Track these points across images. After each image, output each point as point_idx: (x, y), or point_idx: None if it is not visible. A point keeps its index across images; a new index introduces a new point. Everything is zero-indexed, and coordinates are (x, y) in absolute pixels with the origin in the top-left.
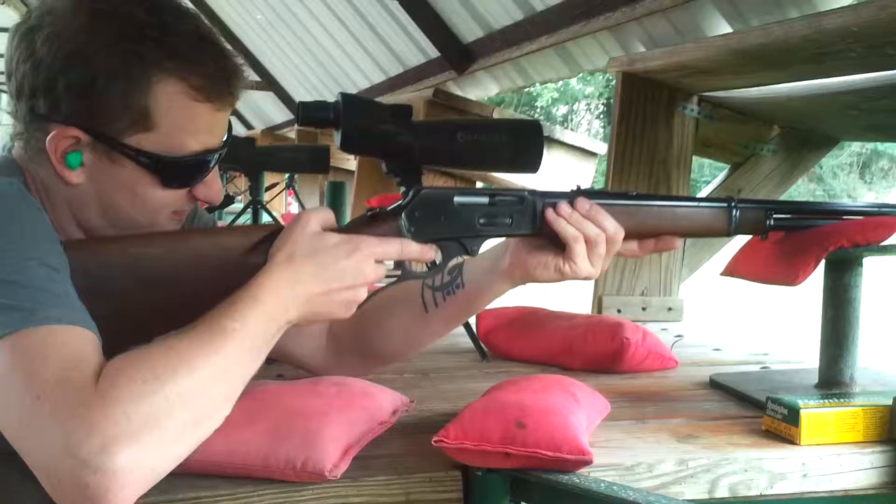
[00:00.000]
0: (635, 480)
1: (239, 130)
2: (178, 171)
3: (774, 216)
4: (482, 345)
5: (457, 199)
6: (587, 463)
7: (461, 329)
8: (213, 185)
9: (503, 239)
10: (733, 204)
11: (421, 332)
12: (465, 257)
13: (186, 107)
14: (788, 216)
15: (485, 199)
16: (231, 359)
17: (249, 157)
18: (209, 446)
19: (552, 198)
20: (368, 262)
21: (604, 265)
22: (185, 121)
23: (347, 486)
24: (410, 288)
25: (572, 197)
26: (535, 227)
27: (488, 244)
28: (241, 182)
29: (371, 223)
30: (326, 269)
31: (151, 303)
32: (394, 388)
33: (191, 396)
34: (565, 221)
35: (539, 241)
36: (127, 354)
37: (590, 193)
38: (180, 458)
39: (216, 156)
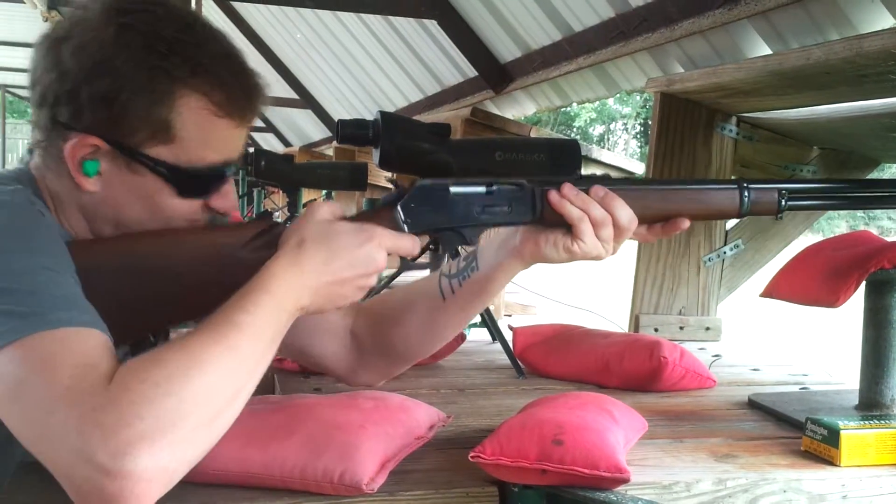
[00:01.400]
0: (673, 499)
1: (277, 147)
2: (196, 181)
3: (789, 196)
4: (518, 362)
5: (453, 188)
6: (624, 481)
7: (497, 346)
8: (227, 196)
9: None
10: (744, 184)
11: (440, 323)
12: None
13: (207, 121)
14: (804, 195)
15: (482, 189)
16: (243, 354)
17: (288, 174)
18: (248, 458)
19: (551, 184)
20: (380, 253)
21: (615, 247)
22: (205, 135)
23: (384, 500)
24: (428, 281)
25: (582, 183)
26: (535, 213)
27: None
28: (279, 198)
29: (370, 215)
30: (338, 258)
31: (148, 298)
32: (430, 403)
33: (204, 397)
34: (569, 203)
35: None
36: (140, 357)
37: (593, 179)
38: (195, 459)
39: (232, 168)
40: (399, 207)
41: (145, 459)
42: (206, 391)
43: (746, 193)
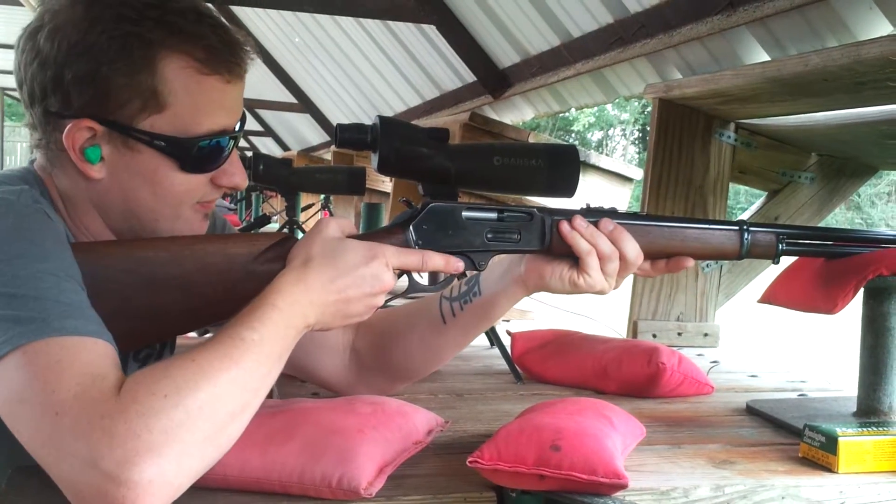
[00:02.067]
0: None
1: (275, 151)
2: (196, 152)
3: (787, 240)
4: (517, 367)
5: (465, 213)
6: (622, 487)
7: (496, 351)
8: (235, 171)
9: None
10: (745, 227)
11: (440, 345)
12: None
13: (194, 81)
14: (801, 241)
15: (493, 215)
16: (250, 370)
17: (286, 178)
18: (247, 462)
19: (561, 215)
20: (387, 271)
21: (618, 282)
22: (195, 96)
23: None
24: (429, 302)
25: (591, 216)
26: (544, 243)
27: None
28: (278, 202)
29: (383, 234)
30: (344, 276)
31: (156, 306)
32: (429, 408)
33: (211, 410)
34: (579, 235)
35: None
36: (148, 368)
37: (600, 213)
38: (199, 472)
39: (233, 140)
40: (411, 228)
41: (151, 471)
42: (213, 405)
43: (747, 236)
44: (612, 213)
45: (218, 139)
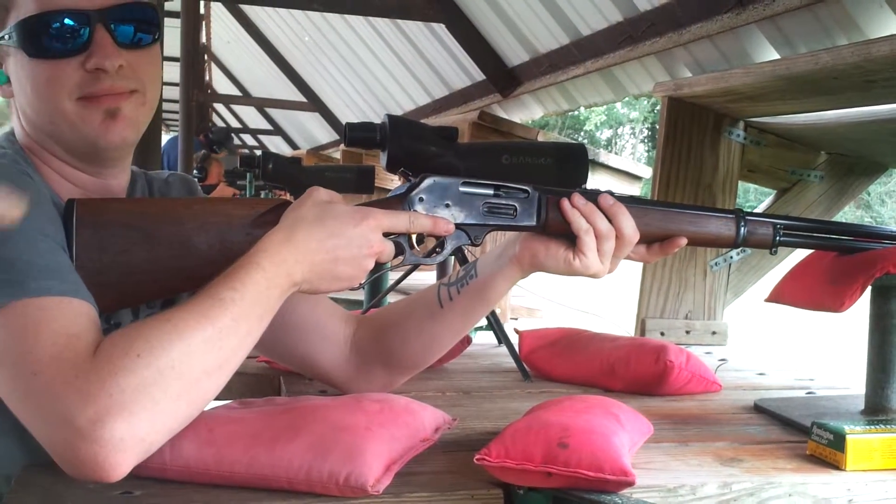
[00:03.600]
0: (678, 503)
1: (284, 150)
2: (38, 32)
3: (784, 231)
4: (524, 365)
5: (462, 187)
6: (630, 484)
7: (503, 349)
8: (97, 51)
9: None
10: (742, 215)
11: (438, 331)
12: (478, 254)
13: None
14: (799, 232)
15: (490, 190)
16: (227, 329)
17: (295, 177)
18: (255, 459)
19: (558, 194)
20: (376, 233)
21: (613, 265)
22: None
23: (390, 502)
24: (428, 290)
25: (588, 195)
26: (539, 221)
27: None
28: None
29: (380, 204)
30: (333, 236)
31: (154, 261)
32: (436, 406)
33: (183, 368)
34: (579, 213)
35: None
36: (126, 327)
37: (596, 194)
38: (174, 430)
39: (99, 21)
40: (408, 200)
41: (122, 429)
42: (185, 363)
43: (743, 223)
44: (609, 194)
45: (64, 17)
